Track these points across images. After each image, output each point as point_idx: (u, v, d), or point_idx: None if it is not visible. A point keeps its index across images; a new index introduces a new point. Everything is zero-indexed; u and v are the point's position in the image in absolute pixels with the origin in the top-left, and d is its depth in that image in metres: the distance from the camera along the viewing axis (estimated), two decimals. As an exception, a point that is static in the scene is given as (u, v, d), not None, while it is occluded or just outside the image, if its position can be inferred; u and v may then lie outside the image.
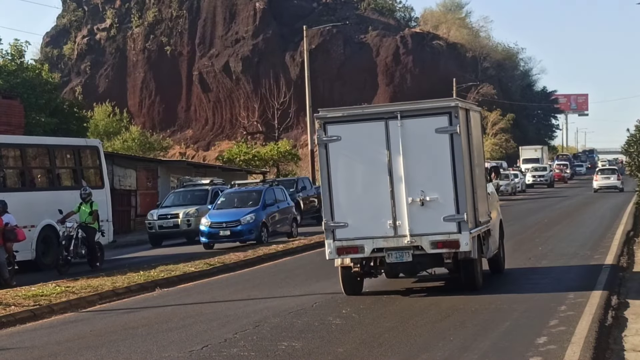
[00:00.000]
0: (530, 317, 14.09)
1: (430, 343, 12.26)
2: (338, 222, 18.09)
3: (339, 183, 18.49)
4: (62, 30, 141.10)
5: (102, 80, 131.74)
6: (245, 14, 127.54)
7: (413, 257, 17.68)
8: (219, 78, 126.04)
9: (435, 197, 17.89)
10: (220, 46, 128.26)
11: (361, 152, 18.54)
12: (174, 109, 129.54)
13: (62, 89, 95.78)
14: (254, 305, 17.34)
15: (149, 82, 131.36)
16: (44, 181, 29.87)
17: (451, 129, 17.89)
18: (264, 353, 12.00)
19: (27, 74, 60.16)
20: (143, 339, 14.02)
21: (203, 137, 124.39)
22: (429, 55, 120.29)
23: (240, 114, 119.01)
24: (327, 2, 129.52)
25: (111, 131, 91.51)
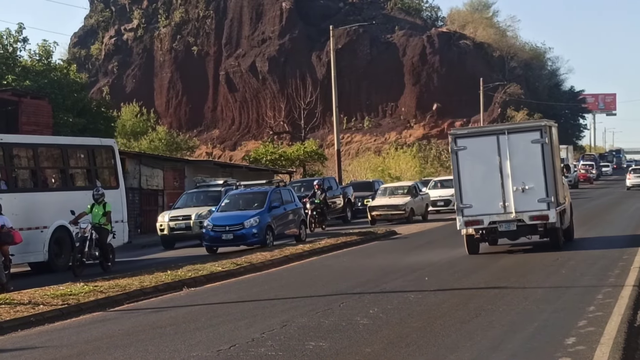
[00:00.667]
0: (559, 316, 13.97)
1: (458, 343, 12.20)
2: (465, 204, 26.39)
3: (465, 178, 26.99)
4: (90, 31, 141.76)
5: (129, 80, 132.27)
6: (271, 14, 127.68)
7: (517, 227, 26.31)
8: (246, 78, 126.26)
9: (532, 186, 26.43)
10: (247, 46, 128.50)
11: (480, 157, 27.11)
12: (200, 108, 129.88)
13: (89, 89, 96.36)
14: (281, 305, 17.32)
15: (176, 82, 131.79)
16: (57, 181, 29.52)
17: (542, 140, 26.71)
18: (291, 353, 11.98)
19: (55, 74, 60.41)
20: (171, 338, 14.04)
21: (229, 137, 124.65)
22: (455, 55, 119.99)
23: (267, 113, 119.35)
24: (353, 1, 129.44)
25: (138, 131, 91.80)
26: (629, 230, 32.51)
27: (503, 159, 26.79)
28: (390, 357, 11.36)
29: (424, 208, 45.92)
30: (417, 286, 19.01)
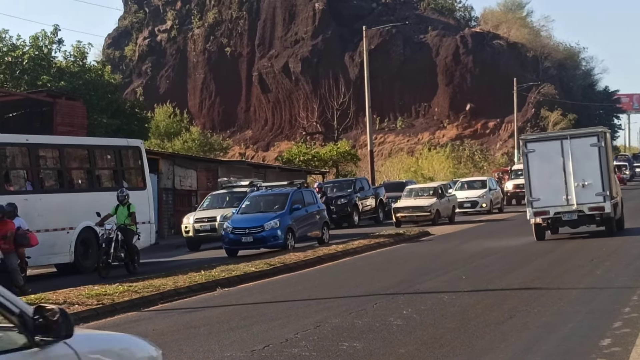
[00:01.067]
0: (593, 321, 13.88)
1: (492, 344, 12.18)
2: (534, 197, 31.36)
3: (534, 176, 31.96)
4: (124, 32, 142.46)
5: (162, 81, 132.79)
6: (304, 14, 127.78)
7: (578, 217, 31.23)
8: (279, 79, 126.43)
9: (591, 182, 31.16)
10: (280, 47, 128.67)
11: (546, 158, 32.02)
12: (233, 109, 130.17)
13: (123, 90, 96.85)
14: (315, 305, 17.34)
15: (209, 83, 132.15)
16: (84, 182, 29.33)
17: (599, 144, 31.48)
18: (325, 353, 12.01)
19: (90, 76, 60.74)
20: (205, 338, 14.09)
21: (262, 137, 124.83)
22: (489, 55, 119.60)
23: (300, 114, 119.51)
24: (386, 2, 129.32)
25: (172, 132, 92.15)
26: None
27: (566, 159, 31.46)
28: (424, 358, 11.39)
29: (450, 210, 45.66)
30: (451, 287, 18.94)
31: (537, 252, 27.72)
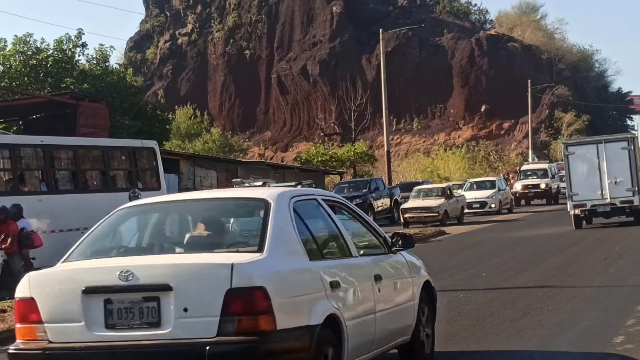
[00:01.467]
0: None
1: (507, 342, 12.11)
2: (574, 192, 36.36)
3: (573, 174, 37.31)
4: (145, 35, 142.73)
5: (183, 83, 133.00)
6: (322, 18, 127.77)
7: (611, 209, 36.43)
8: (297, 81, 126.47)
9: (622, 180, 36.23)
10: (298, 50, 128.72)
11: (584, 159, 37.26)
12: (253, 111, 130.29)
13: (145, 92, 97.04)
14: None
15: (229, 85, 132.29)
16: (98, 183, 28.71)
17: (629, 147, 36.82)
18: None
19: (112, 78, 60.84)
20: None
21: (281, 138, 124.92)
22: (504, 57, 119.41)
23: (318, 115, 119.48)
24: (402, 5, 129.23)
25: (192, 133, 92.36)
26: None
27: (601, 160, 36.51)
28: (439, 355, 11.30)
29: (459, 210, 45.23)
30: (466, 285, 18.89)
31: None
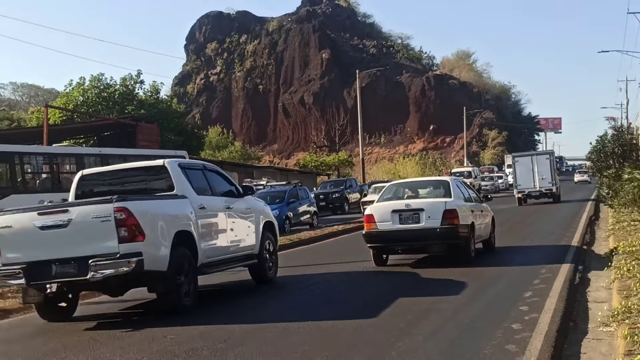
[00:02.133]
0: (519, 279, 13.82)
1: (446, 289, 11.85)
2: (518, 184, 42.14)
3: (518, 173, 42.68)
4: (186, 75, 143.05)
5: (214, 109, 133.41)
6: (315, 62, 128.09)
7: (539, 194, 41.89)
8: (296, 107, 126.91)
9: (545, 177, 41.69)
10: (297, 85, 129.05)
11: (524, 164, 42.83)
12: (264, 129, 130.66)
13: (185, 116, 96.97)
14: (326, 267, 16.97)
15: (247, 111, 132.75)
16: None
17: (550, 158, 43.00)
18: (331, 296, 11.88)
19: (162, 106, 61.09)
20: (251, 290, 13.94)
21: (285, 149, 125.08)
22: (446, 91, 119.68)
23: (311, 133, 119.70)
24: (373, 53, 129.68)
25: (220, 145, 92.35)
26: (573, 212, 32.52)
27: (533, 165, 42.24)
28: (400, 305, 11.19)
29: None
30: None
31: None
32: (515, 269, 15.01)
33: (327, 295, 12.92)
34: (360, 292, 13.18)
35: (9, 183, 21.59)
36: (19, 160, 22.34)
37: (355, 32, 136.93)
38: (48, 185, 22.96)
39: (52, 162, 23.90)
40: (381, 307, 10.79)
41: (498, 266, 15.62)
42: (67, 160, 24.97)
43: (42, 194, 21.31)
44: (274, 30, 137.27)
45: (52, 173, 23.64)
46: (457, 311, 10.38)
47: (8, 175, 21.70)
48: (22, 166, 22.49)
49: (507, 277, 13.79)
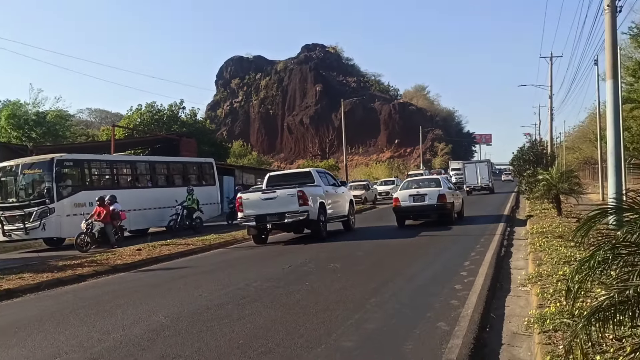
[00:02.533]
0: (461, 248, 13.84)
1: (410, 264, 11.74)
2: (466, 181, 43.71)
3: (467, 174, 44.50)
4: (216, 102, 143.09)
5: (236, 128, 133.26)
6: (311, 93, 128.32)
7: (481, 187, 43.69)
8: (297, 126, 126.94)
9: (485, 177, 43.99)
10: (298, 110, 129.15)
11: (471, 169, 44.75)
12: (274, 143, 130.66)
13: (215, 133, 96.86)
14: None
15: (261, 129, 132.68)
16: (180, 182, 26.62)
17: (488, 164, 45.45)
18: (322, 268, 11.84)
19: (198, 125, 60.97)
20: (258, 261, 13.90)
21: (289, 157, 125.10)
22: (407, 114, 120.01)
23: (308, 145, 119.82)
24: (353, 87, 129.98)
25: (241, 154, 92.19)
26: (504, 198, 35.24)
27: (477, 169, 44.49)
28: (373, 273, 11.22)
29: (373, 196, 42.50)
30: (386, 236, 18.18)
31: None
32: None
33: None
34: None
35: (80, 182, 21.40)
36: (87, 166, 22.21)
37: (340, 71, 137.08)
38: (108, 184, 22.78)
39: (111, 167, 23.76)
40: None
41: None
42: (122, 165, 24.76)
43: (104, 190, 21.09)
44: (281, 70, 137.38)
45: (112, 175, 23.47)
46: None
47: (79, 176, 21.52)
48: (89, 170, 22.28)
49: (464, 238, 13.84)
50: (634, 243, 3.96)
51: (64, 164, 20.76)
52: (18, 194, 20.45)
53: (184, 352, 6.36)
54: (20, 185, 20.48)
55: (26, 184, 20.54)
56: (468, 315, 7.30)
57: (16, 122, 51.92)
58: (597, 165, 38.31)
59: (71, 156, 21.94)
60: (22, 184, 20.49)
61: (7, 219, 20.06)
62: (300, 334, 6.80)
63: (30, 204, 20.01)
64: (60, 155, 20.95)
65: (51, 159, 20.44)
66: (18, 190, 20.43)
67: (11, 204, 20.25)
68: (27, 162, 20.79)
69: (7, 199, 20.50)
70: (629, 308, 3.97)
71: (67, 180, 21.01)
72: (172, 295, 9.93)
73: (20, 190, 20.43)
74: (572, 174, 21.63)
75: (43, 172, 20.25)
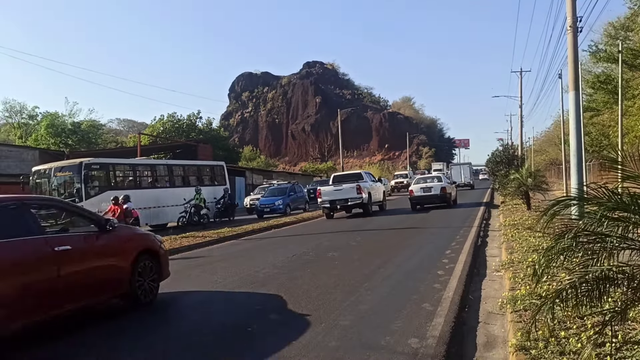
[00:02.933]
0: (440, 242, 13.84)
1: (397, 252, 11.67)
2: (452, 180, 36.87)
3: (453, 173, 44.38)
4: (229, 113, 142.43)
5: (247, 135, 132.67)
6: (311, 104, 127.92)
7: (464, 184, 43.90)
8: (300, 133, 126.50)
9: (467, 176, 45.08)
10: (300, 118, 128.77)
11: (456, 170, 45.70)
12: (279, 147, 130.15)
13: (228, 139, 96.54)
14: (315, 236, 16.94)
15: (269, 135, 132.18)
16: (195, 182, 26.31)
17: (470, 166, 46.45)
18: (321, 256, 11.81)
19: (214, 133, 60.88)
20: (267, 251, 13.77)
21: (293, 160, 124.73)
22: (396, 122, 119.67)
23: (310, 150, 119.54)
24: (349, 98, 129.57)
25: (251, 158, 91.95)
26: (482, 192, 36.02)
27: (461, 170, 46.62)
28: (366, 261, 11.20)
29: (389, 189, 43.87)
30: (377, 226, 18.10)
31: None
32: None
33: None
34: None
35: (106, 183, 21.25)
36: (112, 169, 22.06)
37: (337, 85, 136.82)
38: (131, 184, 22.67)
39: (134, 170, 23.52)
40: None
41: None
42: (143, 168, 24.40)
43: (127, 190, 21.03)
44: (285, 84, 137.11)
45: (134, 177, 23.27)
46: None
47: (105, 178, 21.39)
48: (114, 172, 22.12)
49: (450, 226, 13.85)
50: (593, 232, 3.96)
51: (91, 167, 20.67)
52: (51, 194, 20.31)
53: (202, 331, 6.39)
54: (53, 186, 20.36)
55: (58, 185, 20.41)
56: (449, 297, 7.31)
57: (54, 131, 51.94)
58: (562, 165, 38.32)
59: (98, 160, 21.88)
60: (55, 185, 20.38)
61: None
62: (303, 315, 6.81)
63: None
64: (88, 160, 20.92)
65: (80, 162, 20.38)
66: (51, 190, 20.32)
67: None
68: (58, 166, 20.76)
69: None
70: (589, 290, 3.97)
71: (95, 181, 20.90)
72: (191, 281, 9.94)
73: (53, 190, 20.31)
74: (538, 174, 21.65)
75: (73, 175, 20.16)
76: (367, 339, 5.71)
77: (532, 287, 6.80)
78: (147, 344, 6.03)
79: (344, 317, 6.60)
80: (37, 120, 58.38)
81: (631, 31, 32.08)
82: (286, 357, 5.30)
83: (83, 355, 5.80)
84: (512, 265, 8.93)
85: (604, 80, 34.50)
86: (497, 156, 32.08)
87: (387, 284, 8.46)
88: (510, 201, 23.67)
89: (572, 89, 12.90)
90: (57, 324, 6.81)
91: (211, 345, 5.84)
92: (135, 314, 7.45)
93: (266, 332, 6.15)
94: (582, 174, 12.59)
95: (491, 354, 5.37)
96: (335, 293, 7.97)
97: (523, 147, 45.85)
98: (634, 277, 3.90)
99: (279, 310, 7.13)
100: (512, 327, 5.65)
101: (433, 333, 5.75)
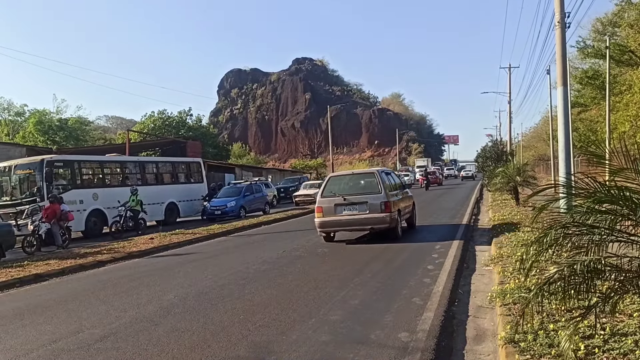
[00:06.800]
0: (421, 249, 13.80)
1: (378, 255, 11.73)
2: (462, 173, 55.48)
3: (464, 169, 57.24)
4: (219, 109, 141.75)
5: (236, 131, 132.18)
6: (301, 100, 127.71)
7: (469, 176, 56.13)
8: (290, 130, 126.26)
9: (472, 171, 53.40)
10: (290, 115, 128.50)
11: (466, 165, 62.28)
12: (269, 144, 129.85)
13: (218, 136, 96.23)
14: (304, 232, 16.83)
15: (258, 132, 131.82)
16: (169, 179, 25.31)
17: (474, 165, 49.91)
18: (311, 252, 11.78)
19: (203, 130, 60.60)
20: (256, 247, 13.72)
21: (283, 157, 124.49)
22: (385, 118, 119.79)
23: (299, 146, 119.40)
24: (338, 95, 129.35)
25: (241, 155, 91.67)
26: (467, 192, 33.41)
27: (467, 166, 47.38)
28: (356, 256, 11.21)
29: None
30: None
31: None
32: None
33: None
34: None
35: (70, 181, 20.17)
36: (78, 166, 20.92)
37: (327, 81, 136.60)
38: (100, 183, 21.50)
39: (102, 167, 22.30)
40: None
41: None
42: (113, 165, 23.19)
43: (94, 189, 20.38)
44: (275, 80, 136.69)
45: (102, 174, 22.02)
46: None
47: (70, 176, 20.27)
48: (80, 170, 20.95)
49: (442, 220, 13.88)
50: (581, 223, 3.98)
51: (54, 164, 19.59)
52: (12, 193, 19.43)
53: (191, 327, 6.36)
54: (14, 185, 19.39)
55: (19, 183, 19.44)
56: (439, 291, 7.34)
57: (42, 128, 51.45)
58: (550, 161, 38.61)
59: (61, 157, 20.91)
60: (16, 183, 19.42)
61: (0, 216, 18.88)
62: (293, 309, 6.80)
63: (22, 202, 18.94)
64: (50, 156, 19.95)
65: (41, 159, 19.33)
66: (12, 189, 19.38)
67: (5, 202, 19.25)
68: (20, 163, 19.69)
69: (1, 198, 19.55)
70: (577, 283, 4.00)
71: (58, 179, 19.79)
72: (181, 278, 9.89)
73: (14, 189, 19.35)
74: (525, 169, 21.77)
75: (34, 172, 19.13)
76: (357, 333, 5.71)
77: (521, 281, 6.85)
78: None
79: (334, 312, 6.60)
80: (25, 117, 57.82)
81: (618, 27, 32.35)
82: (276, 351, 5.29)
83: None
84: (501, 259, 8.99)
85: (592, 75, 34.80)
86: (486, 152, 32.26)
87: (377, 279, 8.47)
88: (500, 196, 23.79)
89: (561, 84, 12.98)
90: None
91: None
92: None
93: (257, 327, 6.13)
94: (570, 169, 12.69)
95: (481, 347, 5.40)
96: (325, 288, 7.97)
97: (512, 143, 46.10)
98: (621, 268, 3.93)
99: (268, 305, 7.11)
100: (501, 321, 5.69)
101: (423, 327, 5.77)
